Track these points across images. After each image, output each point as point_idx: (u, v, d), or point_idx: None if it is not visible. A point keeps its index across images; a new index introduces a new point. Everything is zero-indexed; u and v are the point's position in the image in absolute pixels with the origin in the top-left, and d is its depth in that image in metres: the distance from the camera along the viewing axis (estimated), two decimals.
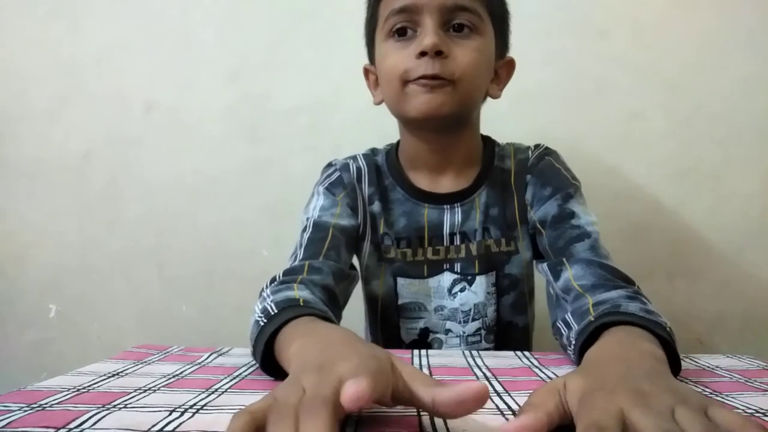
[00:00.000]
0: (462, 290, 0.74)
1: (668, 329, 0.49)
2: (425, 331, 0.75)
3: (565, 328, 0.56)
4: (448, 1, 0.64)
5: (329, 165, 0.78)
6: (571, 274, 0.61)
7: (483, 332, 0.74)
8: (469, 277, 0.73)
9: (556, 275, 0.63)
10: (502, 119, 0.74)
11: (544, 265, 0.66)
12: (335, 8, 1.07)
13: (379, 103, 0.75)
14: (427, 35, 0.63)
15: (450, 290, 0.74)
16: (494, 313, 0.74)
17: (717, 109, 1.04)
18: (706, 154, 1.05)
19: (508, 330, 0.75)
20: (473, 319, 0.74)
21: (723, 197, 1.05)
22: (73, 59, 1.13)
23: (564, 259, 0.63)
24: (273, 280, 0.61)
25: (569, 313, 0.56)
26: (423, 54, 0.63)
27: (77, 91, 1.13)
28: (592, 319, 0.51)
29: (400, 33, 0.67)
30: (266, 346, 0.48)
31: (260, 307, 0.53)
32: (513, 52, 0.76)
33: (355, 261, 0.77)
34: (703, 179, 1.05)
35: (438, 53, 0.63)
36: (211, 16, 1.11)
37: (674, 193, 1.05)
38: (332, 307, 0.59)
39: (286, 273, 0.62)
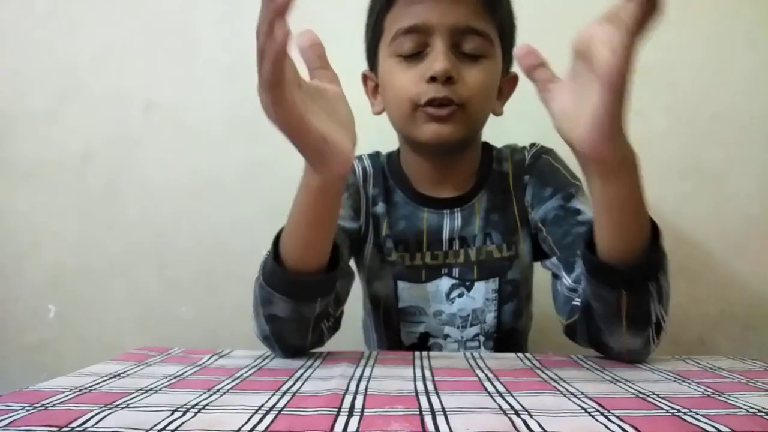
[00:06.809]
0: (460, 295, 0.73)
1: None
2: (425, 336, 0.75)
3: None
4: (459, 23, 0.63)
5: None
6: None
7: (481, 338, 0.74)
8: (467, 283, 0.73)
9: (569, 267, 0.62)
10: (502, 120, 0.74)
11: (553, 259, 0.66)
12: (335, 8, 1.07)
13: (378, 113, 0.73)
14: (438, 60, 0.62)
15: (448, 295, 0.73)
16: (494, 320, 0.73)
17: (718, 109, 1.04)
18: (706, 154, 1.05)
19: (508, 336, 0.75)
20: (471, 325, 0.73)
21: (724, 197, 1.05)
22: (72, 59, 1.12)
23: (578, 251, 0.61)
24: None
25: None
26: (433, 79, 0.62)
27: (76, 91, 1.13)
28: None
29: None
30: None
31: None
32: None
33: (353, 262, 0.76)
34: (704, 179, 1.05)
35: (448, 79, 0.62)
36: (211, 15, 1.11)
37: (675, 193, 1.05)
38: (334, 304, 0.59)
39: None
